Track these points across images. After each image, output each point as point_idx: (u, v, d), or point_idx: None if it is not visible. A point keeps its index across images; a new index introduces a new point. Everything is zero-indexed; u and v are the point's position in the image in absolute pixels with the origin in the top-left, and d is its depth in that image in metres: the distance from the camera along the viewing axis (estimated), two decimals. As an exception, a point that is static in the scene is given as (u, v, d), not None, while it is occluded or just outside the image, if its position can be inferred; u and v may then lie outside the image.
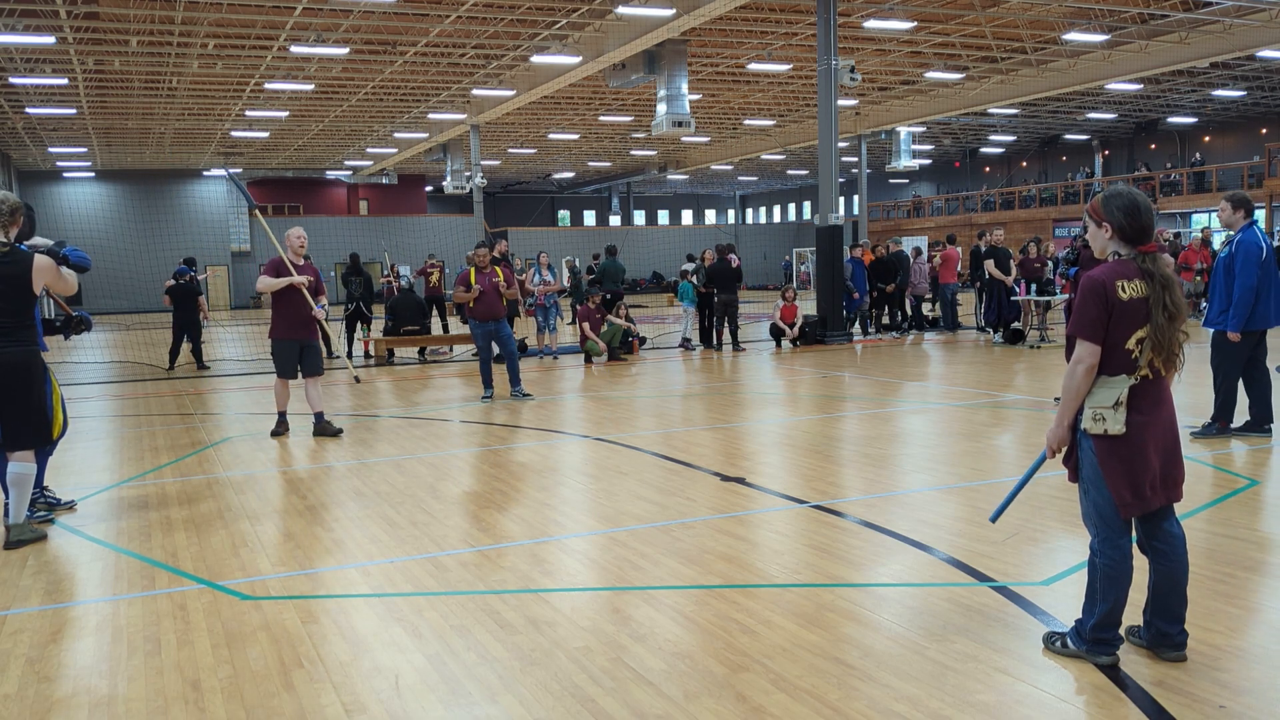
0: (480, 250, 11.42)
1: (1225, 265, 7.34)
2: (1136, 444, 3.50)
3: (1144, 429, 3.50)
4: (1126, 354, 3.49)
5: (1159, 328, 3.45)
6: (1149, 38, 23.80)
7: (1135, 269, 3.50)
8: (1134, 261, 3.51)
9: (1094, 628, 3.58)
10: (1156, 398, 3.54)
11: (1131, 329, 3.47)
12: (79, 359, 18.91)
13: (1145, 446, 3.51)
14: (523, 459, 7.92)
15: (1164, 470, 3.56)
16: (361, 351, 17.57)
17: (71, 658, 4.05)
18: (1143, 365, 3.49)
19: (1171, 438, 3.59)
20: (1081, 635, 3.63)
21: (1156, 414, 3.54)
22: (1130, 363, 3.50)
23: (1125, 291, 3.46)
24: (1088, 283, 3.50)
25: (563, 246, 48.32)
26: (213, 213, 46.90)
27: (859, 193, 36.29)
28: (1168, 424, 3.58)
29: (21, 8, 18.53)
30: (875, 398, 10.97)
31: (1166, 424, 3.58)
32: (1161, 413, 3.56)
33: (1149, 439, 3.51)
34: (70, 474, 7.72)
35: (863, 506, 6.08)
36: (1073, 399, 3.55)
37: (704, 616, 4.25)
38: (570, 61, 23.10)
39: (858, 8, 20.69)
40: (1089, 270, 3.58)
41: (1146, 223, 3.52)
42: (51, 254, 5.79)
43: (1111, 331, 3.47)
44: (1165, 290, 3.46)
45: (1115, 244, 3.56)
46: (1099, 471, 3.54)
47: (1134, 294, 3.46)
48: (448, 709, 3.45)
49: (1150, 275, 3.47)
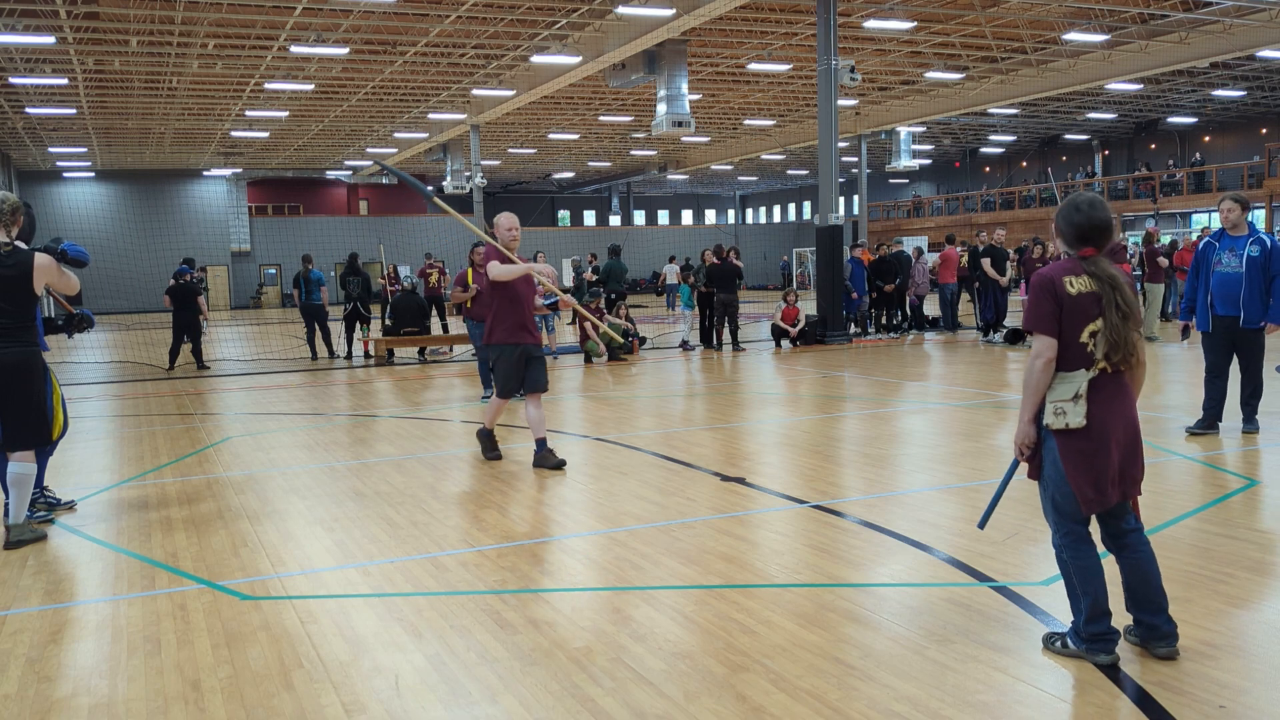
0: (480, 249, 11.44)
1: (1261, 265, 7.58)
2: (1097, 438, 3.58)
3: (1104, 423, 3.58)
4: (1082, 348, 3.59)
5: (1113, 327, 3.56)
6: (1149, 38, 23.80)
7: (1077, 268, 3.64)
8: (1080, 262, 3.66)
9: (1086, 622, 3.62)
10: (1114, 392, 3.60)
11: (1083, 323, 3.59)
12: (79, 359, 18.91)
13: (1106, 440, 3.58)
14: (523, 459, 7.92)
15: (1123, 466, 3.61)
16: (361, 351, 17.58)
17: (71, 658, 4.04)
18: (1099, 358, 3.57)
19: (1132, 434, 3.63)
20: (1080, 634, 3.64)
21: (1116, 408, 3.59)
22: (1086, 356, 3.59)
23: (1073, 286, 3.60)
24: (1037, 279, 3.68)
25: (563, 246, 48.31)
26: (213, 213, 46.91)
27: (859, 193, 36.28)
28: (1128, 420, 3.63)
29: (21, 8, 18.53)
30: (875, 398, 10.97)
31: (1127, 420, 3.62)
32: (1121, 408, 3.61)
33: (1110, 433, 3.58)
34: (70, 474, 7.72)
35: (863, 506, 6.08)
36: (1032, 394, 3.65)
37: (704, 616, 4.25)
38: (570, 61, 23.10)
39: (858, 8, 20.69)
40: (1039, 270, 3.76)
41: (1085, 229, 3.64)
42: (49, 251, 5.79)
43: (1065, 327, 3.59)
44: (1114, 290, 3.58)
45: (1063, 248, 3.74)
46: (1060, 468, 3.61)
47: (1082, 289, 3.59)
48: (448, 709, 3.45)
49: (1096, 276, 3.60)
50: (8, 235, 5.65)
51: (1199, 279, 7.92)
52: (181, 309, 16.02)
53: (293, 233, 43.78)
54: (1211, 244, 7.86)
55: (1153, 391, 10.49)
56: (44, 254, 5.72)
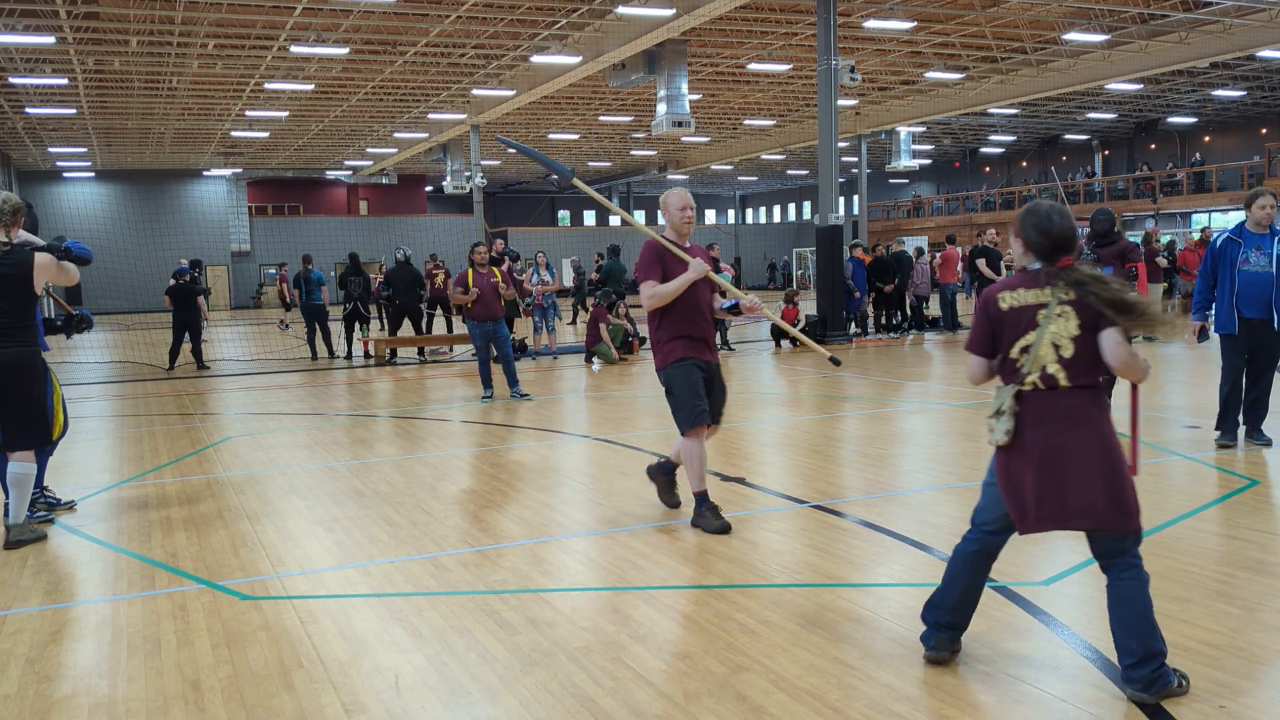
0: (479, 248, 11.44)
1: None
2: (1015, 458, 3.41)
3: (1024, 443, 3.38)
4: (1011, 363, 3.44)
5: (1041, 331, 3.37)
6: (1149, 38, 23.80)
7: (1035, 279, 3.43)
8: (1045, 274, 3.43)
9: (925, 604, 3.70)
10: (1046, 413, 3.36)
11: (1013, 337, 3.43)
12: (79, 359, 18.91)
13: (1023, 462, 3.38)
14: (522, 459, 7.92)
15: (1042, 494, 3.34)
16: (361, 351, 17.59)
17: (71, 658, 4.04)
18: (1029, 374, 3.38)
19: (1062, 459, 3.32)
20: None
21: (1043, 430, 3.35)
22: (1014, 372, 3.43)
23: (1006, 301, 3.44)
24: (978, 299, 3.59)
25: (563, 246, 48.31)
26: (213, 213, 46.90)
27: (859, 193, 36.28)
28: (1061, 445, 3.33)
29: (21, 8, 18.53)
30: (875, 398, 10.97)
31: (1060, 444, 3.33)
32: (1053, 430, 3.34)
33: (1028, 455, 3.36)
34: (70, 474, 7.72)
35: (863, 506, 6.08)
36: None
37: (704, 616, 4.25)
38: (570, 61, 23.10)
39: (858, 8, 20.69)
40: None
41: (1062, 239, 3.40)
42: (52, 249, 5.79)
43: (997, 341, 3.48)
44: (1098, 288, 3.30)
45: (1028, 259, 3.49)
46: (994, 476, 3.54)
47: (1015, 303, 3.42)
48: (448, 709, 3.45)
49: (1078, 284, 3.34)
50: (7, 236, 5.65)
51: (1220, 278, 7.23)
52: (181, 309, 16.03)
53: (293, 233, 43.77)
54: (1234, 240, 7.16)
55: (1152, 391, 10.49)
56: (43, 253, 5.72)
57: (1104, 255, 9.23)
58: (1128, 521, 3.33)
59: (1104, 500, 3.29)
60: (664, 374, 5.62)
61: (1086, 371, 3.35)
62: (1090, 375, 3.36)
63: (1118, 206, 36.20)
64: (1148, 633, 3.31)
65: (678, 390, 5.57)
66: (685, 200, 5.67)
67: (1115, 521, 3.32)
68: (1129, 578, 3.35)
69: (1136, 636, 3.31)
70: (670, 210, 5.68)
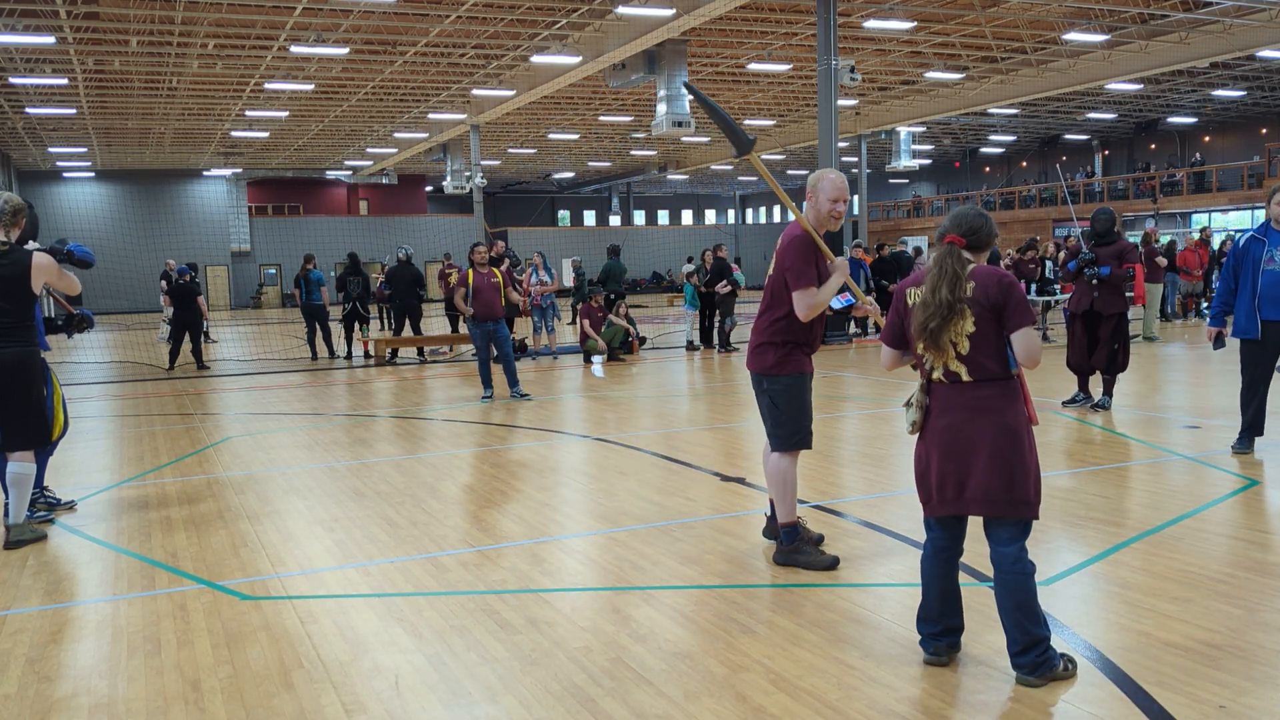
0: (479, 249, 11.45)
1: None
2: (923, 446, 3.65)
3: (930, 432, 3.61)
4: (919, 357, 3.66)
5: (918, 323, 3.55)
6: (1149, 38, 23.79)
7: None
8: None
9: (916, 620, 3.76)
10: (950, 404, 3.55)
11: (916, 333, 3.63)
12: (79, 359, 18.91)
13: (929, 449, 3.61)
14: (522, 459, 7.92)
15: (943, 479, 3.54)
16: (361, 351, 17.59)
17: (71, 658, 4.05)
18: (931, 367, 3.60)
19: (963, 448, 3.49)
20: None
21: (945, 420, 3.55)
22: (921, 364, 3.67)
23: (912, 297, 3.65)
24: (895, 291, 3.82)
25: (563, 246, 48.31)
26: (213, 213, 46.89)
27: (859, 193, 36.21)
28: (961, 435, 3.50)
29: (21, 8, 18.53)
30: (875, 398, 10.97)
31: (959, 434, 3.50)
32: (953, 421, 3.53)
33: (933, 442, 3.59)
34: (70, 474, 7.72)
35: (863, 506, 6.08)
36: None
37: (704, 616, 4.25)
38: (570, 61, 23.09)
39: (858, 8, 20.68)
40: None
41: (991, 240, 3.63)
42: (54, 252, 5.79)
43: (907, 334, 3.67)
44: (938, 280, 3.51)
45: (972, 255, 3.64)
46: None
47: (915, 300, 3.62)
48: (448, 709, 3.45)
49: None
50: (7, 236, 5.65)
51: (1240, 280, 6.90)
52: (182, 309, 16.04)
53: (293, 233, 43.79)
54: (1258, 239, 6.83)
55: (1152, 391, 10.49)
56: (43, 253, 5.72)
57: (1102, 255, 9.23)
58: (1025, 510, 3.48)
59: (1000, 488, 3.46)
60: (779, 382, 4.92)
61: (986, 366, 3.49)
62: (991, 370, 3.50)
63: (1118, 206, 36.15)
64: (1031, 620, 3.45)
65: (791, 406, 4.92)
66: (841, 189, 4.74)
67: (1011, 509, 3.48)
68: (1016, 570, 3.48)
69: (1019, 626, 3.46)
70: (819, 199, 4.76)
